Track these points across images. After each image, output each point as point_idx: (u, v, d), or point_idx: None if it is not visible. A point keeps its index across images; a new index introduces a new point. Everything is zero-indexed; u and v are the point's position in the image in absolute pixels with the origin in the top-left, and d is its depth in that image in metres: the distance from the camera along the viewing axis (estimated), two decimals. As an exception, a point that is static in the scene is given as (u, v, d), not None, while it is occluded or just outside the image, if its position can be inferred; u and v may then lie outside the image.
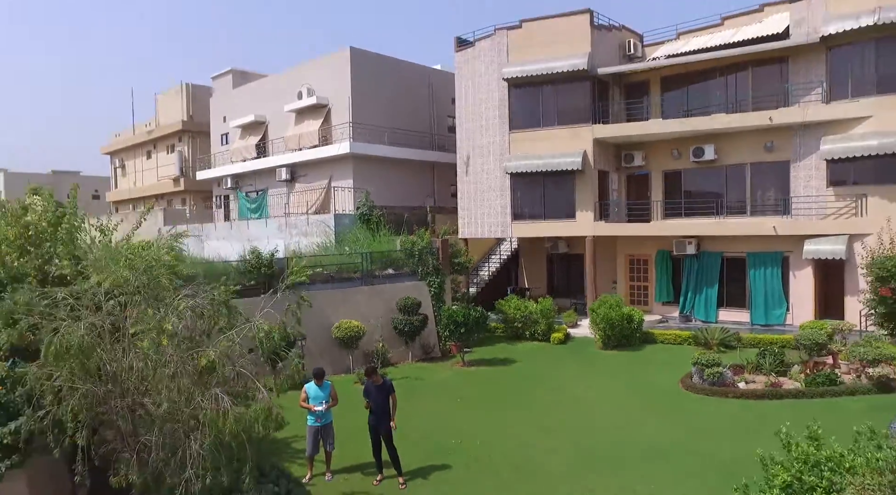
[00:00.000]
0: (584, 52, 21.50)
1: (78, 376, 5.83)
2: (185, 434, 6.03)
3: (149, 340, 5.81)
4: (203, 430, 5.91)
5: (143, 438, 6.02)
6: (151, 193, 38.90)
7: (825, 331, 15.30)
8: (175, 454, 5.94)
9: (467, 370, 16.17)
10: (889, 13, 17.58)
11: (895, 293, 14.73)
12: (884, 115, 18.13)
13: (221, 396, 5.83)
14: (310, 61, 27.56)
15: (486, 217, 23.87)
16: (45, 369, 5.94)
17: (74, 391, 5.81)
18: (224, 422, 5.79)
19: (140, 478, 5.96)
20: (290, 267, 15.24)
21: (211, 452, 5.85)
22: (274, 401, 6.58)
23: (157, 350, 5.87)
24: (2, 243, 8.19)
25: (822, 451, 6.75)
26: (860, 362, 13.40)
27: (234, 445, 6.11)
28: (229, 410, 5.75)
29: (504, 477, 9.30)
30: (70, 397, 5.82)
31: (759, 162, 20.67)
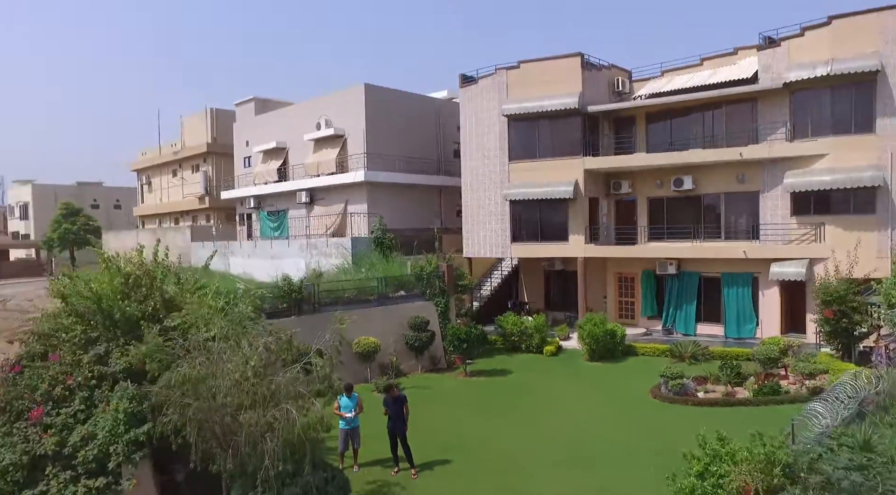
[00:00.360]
0: (576, 92, 23.93)
1: (190, 396, 8.33)
2: (261, 435, 8.52)
3: (239, 372, 8.32)
4: (275, 433, 8.40)
5: (232, 438, 8.52)
6: (177, 210, 41.63)
7: (779, 347, 17.63)
8: (255, 450, 8.43)
9: (469, 380, 18.65)
10: (840, 65, 19.93)
11: (836, 315, 17.07)
12: (838, 153, 20.48)
13: (289, 409, 8.33)
14: (327, 95, 30.18)
15: (487, 239, 26.35)
16: (167, 391, 8.45)
17: (188, 406, 8.32)
18: (291, 428, 8.29)
19: (231, 466, 8.48)
20: (316, 292, 17.93)
21: (281, 449, 8.35)
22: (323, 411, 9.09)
23: (244, 378, 8.38)
24: (109, 290, 10.71)
25: (724, 448, 9.29)
26: (801, 375, 15.78)
27: (296, 443, 8.61)
28: (296, 420, 8.25)
29: (495, 470, 11.77)
30: (185, 410, 8.33)
31: (732, 192, 23.04)
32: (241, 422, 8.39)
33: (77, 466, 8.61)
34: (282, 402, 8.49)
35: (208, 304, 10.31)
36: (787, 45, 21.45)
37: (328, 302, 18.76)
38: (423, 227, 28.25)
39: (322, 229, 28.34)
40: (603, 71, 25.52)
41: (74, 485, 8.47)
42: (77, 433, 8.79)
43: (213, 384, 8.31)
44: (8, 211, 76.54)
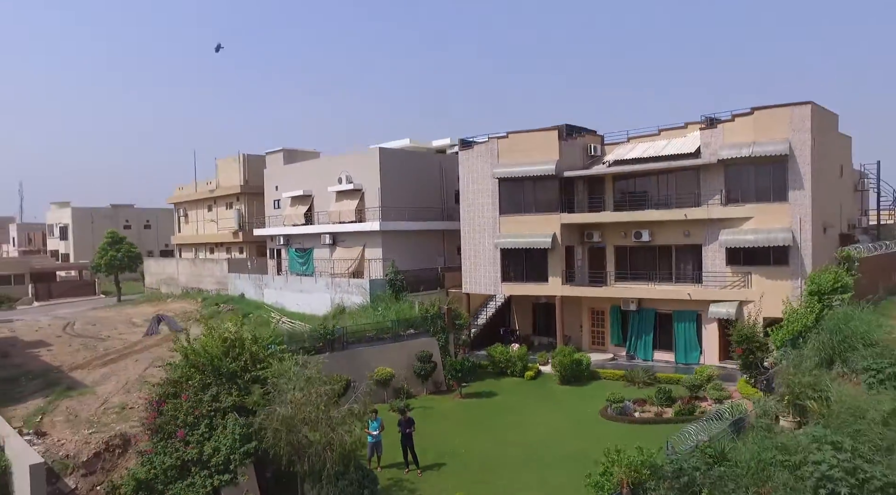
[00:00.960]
0: (553, 160, 29.11)
1: (281, 425, 13.58)
2: (323, 449, 13.75)
3: (312, 408, 13.58)
4: (332, 448, 13.63)
5: (305, 451, 13.75)
6: (212, 241, 47.13)
7: (704, 376, 22.70)
8: (319, 458, 13.67)
9: (463, 401, 23.83)
10: (759, 147, 25.04)
11: (745, 351, 22.15)
12: (761, 216, 25.56)
13: (342, 433, 13.56)
14: (347, 154, 35.57)
15: (482, 278, 31.56)
16: (266, 421, 13.72)
17: (279, 431, 13.56)
18: (342, 446, 13.54)
19: (305, 468, 13.74)
20: (344, 334, 23.20)
21: (336, 457, 13.59)
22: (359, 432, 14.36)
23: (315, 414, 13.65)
24: (214, 351, 15.96)
25: (618, 456, 14.41)
26: (713, 399, 20.87)
27: (344, 454, 13.85)
28: (346, 440, 13.48)
29: (475, 469, 16.97)
30: (277, 433, 13.58)
31: (680, 244, 28.14)
32: (311, 441, 13.65)
33: (210, 467, 13.88)
34: (336, 428, 13.74)
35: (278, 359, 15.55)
36: (722, 127, 26.55)
37: (353, 340, 24.00)
38: (428, 267, 33.51)
39: (344, 267, 33.66)
40: (578, 139, 30.69)
41: (210, 479, 13.73)
42: (209, 446, 14.06)
43: (295, 418, 13.57)
44: (47, 230, 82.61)
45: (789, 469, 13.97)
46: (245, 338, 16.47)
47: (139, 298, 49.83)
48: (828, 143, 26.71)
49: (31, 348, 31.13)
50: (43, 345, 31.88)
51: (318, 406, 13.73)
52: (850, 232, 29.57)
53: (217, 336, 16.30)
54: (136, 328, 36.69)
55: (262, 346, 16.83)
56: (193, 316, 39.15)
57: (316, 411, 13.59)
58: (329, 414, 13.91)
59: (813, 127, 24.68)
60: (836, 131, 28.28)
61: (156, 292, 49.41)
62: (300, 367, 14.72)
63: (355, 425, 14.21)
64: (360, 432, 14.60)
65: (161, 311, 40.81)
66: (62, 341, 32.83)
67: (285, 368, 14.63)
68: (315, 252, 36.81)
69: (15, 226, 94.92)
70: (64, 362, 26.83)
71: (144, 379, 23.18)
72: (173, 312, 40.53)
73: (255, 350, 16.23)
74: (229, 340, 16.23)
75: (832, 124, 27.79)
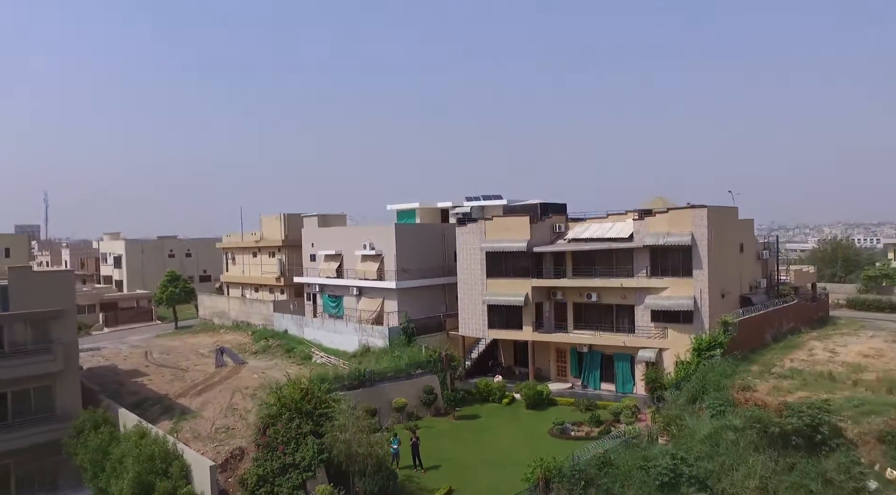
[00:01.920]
0: (525, 239, 38.83)
1: (343, 446, 23.40)
2: (366, 457, 23.58)
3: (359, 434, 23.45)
4: (371, 457, 23.47)
5: (355, 459, 23.56)
6: (257, 282, 57.25)
7: (624, 404, 32.24)
8: (365, 463, 23.51)
9: (456, 422, 33.57)
10: (671, 238, 34.66)
11: (651, 388, 31.71)
12: (674, 287, 35.16)
13: (378, 446, 23.37)
14: (370, 227, 45.64)
15: (473, 325, 41.32)
16: (332, 441, 23.56)
17: (342, 447, 23.36)
18: (378, 455, 23.39)
19: (356, 469, 23.59)
20: (372, 375, 33.22)
21: (374, 462, 23.44)
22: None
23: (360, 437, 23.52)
24: (295, 396, 25.79)
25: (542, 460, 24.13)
26: (626, 423, 30.48)
27: (379, 460, 23.72)
28: (379, 452, 23.28)
29: (459, 469, 26.76)
30: (340, 447, 23.38)
31: (619, 304, 37.73)
32: (359, 453, 23.52)
33: (300, 468, 23.73)
34: (373, 445, 23.63)
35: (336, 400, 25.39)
36: (647, 219, 36.16)
37: (378, 379, 33.85)
38: (433, 315, 43.32)
39: (367, 316, 43.57)
40: (546, 220, 40.42)
41: (300, 475, 23.60)
42: (297, 456, 23.93)
43: (350, 441, 23.47)
44: (100, 257, 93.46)
45: (645, 470, 23.65)
46: (314, 387, 26.36)
47: (195, 327, 60.05)
48: (726, 231, 36.30)
49: (133, 377, 41.28)
50: (140, 374, 42.00)
51: (363, 432, 23.66)
52: (750, 293, 39.05)
53: (296, 387, 26.19)
54: (204, 358, 46.67)
55: (324, 391, 26.70)
56: (248, 348, 49.37)
57: (361, 436, 23.50)
58: (368, 437, 23.81)
59: (709, 223, 34.29)
60: (735, 220, 37.87)
61: (209, 323, 59.59)
62: (351, 408, 24.62)
63: (383, 444, 24.11)
64: (386, 447, 24.46)
65: (219, 342, 50.91)
66: (153, 370, 42.95)
67: (343, 408, 24.56)
68: (345, 300, 46.80)
69: (68, 251, 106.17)
70: (168, 391, 36.96)
71: (233, 407, 33.25)
72: (229, 343, 50.61)
73: (320, 395, 26.11)
74: (303, 389, 26.12)
75: (731, 216, 37.40)
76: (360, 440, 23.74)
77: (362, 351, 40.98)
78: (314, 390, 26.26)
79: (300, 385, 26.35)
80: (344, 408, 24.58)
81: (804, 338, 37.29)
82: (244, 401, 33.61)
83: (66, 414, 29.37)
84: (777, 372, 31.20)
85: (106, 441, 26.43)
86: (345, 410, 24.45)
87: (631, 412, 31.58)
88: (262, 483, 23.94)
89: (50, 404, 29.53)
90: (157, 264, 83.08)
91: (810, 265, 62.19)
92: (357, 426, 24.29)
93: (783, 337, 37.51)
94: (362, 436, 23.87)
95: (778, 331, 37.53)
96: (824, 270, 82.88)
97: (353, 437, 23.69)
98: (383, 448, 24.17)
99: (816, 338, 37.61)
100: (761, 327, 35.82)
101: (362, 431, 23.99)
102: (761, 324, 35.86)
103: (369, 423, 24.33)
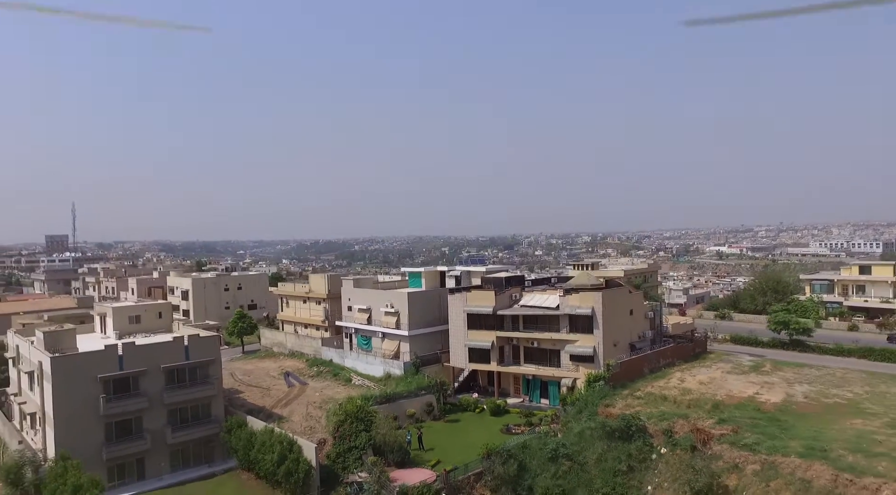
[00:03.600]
0: (491, 305, 59.90)
1: (382, 438, 44.39)
2: (394, 442, 44.61)
3: (390, 432, 44.49)
4: (396, 442, 44.49)
5: (383, 442, 44.55)
6: (306, 322, 78.59)
7: (548, 413, 53.10)
8: (392, 446, 44.57)
9: (446, 424, 54.62)
10: (580, 309, 55.66)
11: (564, 404, 52.63)
12: (582, 340, 56.12)
13: (400, 438, 44.30)
14: (390, 291, 66.77)
15: (459, 360, 62.40)
16: (377, 435, 44.59)
17: (382, 439, 44.32)
18: (400, 440, 44.47)
19: (387, 448, 44.69)
20: (394, 394, 55.14)
21: (397, 446, 44.50)
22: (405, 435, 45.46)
23: (391, 433, 44.59)
24: (352, 409, 46.80)
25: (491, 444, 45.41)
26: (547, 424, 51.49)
27: (400, 444, 44.84)
28: (401, 440, 44.24)
29: (446, 451, 47.84)
30: (380, 439, 44.36)
31: (551, 348, 58.58)
32: (389, 441, 44.65)
33: (357, 449, 44.72)
34: (396, 437, 44.78)
35: (376, 413, 46.43)
36: (567, 296, 57.08)
37: (397, 397, 55.01)
38: (433, 352, 64.46)
39: (389, 351, 64.77)
40: (506, 292, 61.44)
41: (359, 453, 44.58)
42: (357, 441, 44.97)
43: (386, 435, 44.62)
44: (167, 289, 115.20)
45: (542, 450, 44.71)
46: (362, 403, 47.42)
47: (260, 353, 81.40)
48: (618, 303, 57.21)
49: (235, 394, 62.57)
50: (238, 392, 63.24)
51: (390, 429, 44.91)
52: (637, 341, 59.89)
53: (353, 403, 47.29)
54: (276, 379, 67.96)
55: (367, 405, 47.83)
56: (305, 372, 70.63)
57: (389, 431, 44.72)
58: (394, 432, 45.02)
59: (604, 301, 55.21)
60: (626, 296, 58.82)
61: (269, 350, 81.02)
62: (383, 416, 45.81)
63: (402, 435, 45.34)
64: (404, 437, 45.63)
65: (283, 367, 72.20)
66: (245, 388, 64.18)
67: (381, 418, 45.81)
68: (373, 340, 68.06)
69: (135, 280, 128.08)
70: (264, 404, 58.15)
71: (310, 414, 54.42)
72: (291, 368, 71.85)
73: (366, 408, 47.18)
74: (357, 405, 47.23)
75: (623, 293, 58.33)
76: (389, 433, 44.87)
77: (385, 377, 62.17)
78: (363, 405, 47.43)
79: (355, 402, 47.56)
80: (380, 416, 45.69)
81: (673, 371, 58.01)
82: (316, 411, 54.90)
83: (217, 419, 50.59)
84: (636, 395, 52.05)
85: (248, 434, 47.58)
86: (380, 417, 45.56)
87: (550, 418, 52.51)
88: (338, 457, 45.04)
89: (208, 414, 50.74)
90: (216, 296, 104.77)
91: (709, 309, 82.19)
92: (387, 425, 45.49)
93: (659, 369, 58.27)
94: (390, 431, 45.00)
95: (656, 366, 58.30)
96: (758, 298, 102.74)
97: (385, 432, 44.82)
98: (402, 437, 45.27)
99: (683, 369, 58.39)
100: (639, 364, 56.65)
101: (390, 428, 45.13)
102: (639, 363, 56.69)
103: (394, 424, 45.43)
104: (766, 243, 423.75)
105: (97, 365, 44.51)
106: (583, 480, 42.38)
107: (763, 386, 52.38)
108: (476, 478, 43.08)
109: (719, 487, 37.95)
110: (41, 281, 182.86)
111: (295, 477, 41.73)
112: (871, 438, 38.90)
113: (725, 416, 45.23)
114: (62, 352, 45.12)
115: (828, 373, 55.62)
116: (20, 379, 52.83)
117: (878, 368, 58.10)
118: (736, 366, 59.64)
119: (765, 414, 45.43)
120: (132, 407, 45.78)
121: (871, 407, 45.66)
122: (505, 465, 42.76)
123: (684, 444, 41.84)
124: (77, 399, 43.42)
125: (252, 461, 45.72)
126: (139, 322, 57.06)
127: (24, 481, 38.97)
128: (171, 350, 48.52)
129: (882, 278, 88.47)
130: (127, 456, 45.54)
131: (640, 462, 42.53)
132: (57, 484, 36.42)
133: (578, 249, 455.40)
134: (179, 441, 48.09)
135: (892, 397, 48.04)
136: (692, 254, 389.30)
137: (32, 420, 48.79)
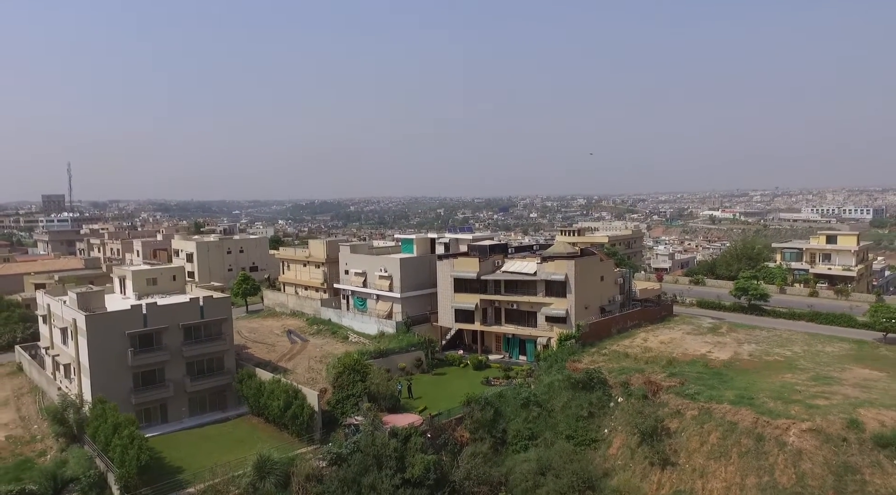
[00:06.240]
0: (475, 271, 65.88)
1: (376, 388, 50.88)
2: (386, 391, 51.11)
3: (383, 382, 50.99)
4: (388, 391, 51.01)
5: (377, 390, 51.07)
6: (306, 284, 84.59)
7: (524, 368, 59.62)
8: (385, 394, 51.11)
9: (433, 377, 61.18)
10: (555, 275, 61.75)
11: (538, 359, 59.13)
12: (556, 302, 62.31)
13: (391, 387, 50.87)
14: (384, 256, 72.57)
15: (446, 320, 68.71)
16: (371, 385, 51.16)
17: (375, 388, 50.79)
18: (392, 388, 51.01)
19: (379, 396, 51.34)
20: (387, 350, 61.80)
21: (389, 394, 51.05)
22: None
23: (383, 384, 51.11)
24: (349, 362, 53.12)
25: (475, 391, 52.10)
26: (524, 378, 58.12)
27: (392, 393, 51.43)
28: (392, 389, 50.75)
29: (433, 400, 54.45)
30: (374, 388, 50.88)
31: (529, 310, 64.82)
32: (381, 390, 51.17)
33: (353, 397, 51.19)
34: (388, 387, 51.31)
35: (369, 366, 52.79)
36: (544, 264, 63.05)
37: (390, 352, 61.42)
38: (423, 312, 70.71)
39: (382, 313, 70.96)
40: (490, 258, 67.33)
41: (356, 401, 51.06)
42: (353, 391, 51.41)
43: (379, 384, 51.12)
44: (172, 252, 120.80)
45: (516, 398, 51.31)
46: (359, 357, 53.76)
47: (263, 312, 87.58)
48: (590, 270, 63.20)
49: (244, 349, 68.89)
50: (245, 348, 69.59)
51: (383, 380, 51.36)
52: (607, 305, 66.11)
53: (350, 357, 53.62)
54: (280, 336, 74.33)
55: (363, 359, 54.18)
56: (306, 330, 76.92)
57: (382, 382, 51.17)
58: (386, 383, 51.49)
59: (576, 268, 61.20)
60: (597, 264, 64.80)
61: (271, 310, 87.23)
62: (380, 371, 52.21)
63: (394, 385, 51.85)
64: (395, 387, 52.11)
65: (286, 326, 78.51)
66: (251, 344, 70.52)
67: (375, 370, 52.24)
68: (368, 301, 74.21)
69: (140, 242, 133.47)
70: (270, 358, 64.47)
71: (311, 368, 60.84)
72: (293, 326, 78.14)
73: (362, 361, 53.52)
74: (354, 358, 53.57)
75: (594, 261, 64.28)
76: (382, 384, 51.32)
77: (379, 334, 68.53)
78: (359, 359, 53.79)
79: (352, 356, 53.91)
80: (374, 369, 52.06)
81: (639, 332, 64.37)
82: (317, 365, 61.31)
83: (230, 371, 56.88)
84: (602, 352, 58.49)
85: (257, 384, 53.93)
86: (374, 369, 51.93)
87: (525, 372, 59.09)
88: (337, 403, 51.51)
89: (221, 366, 56.98)
90: (219, 259, 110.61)
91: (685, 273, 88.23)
92: (380, 377, 51.90)
93: (626, 330, 64.66)
94: (383, 382, 51.44)
95: (623, 327, 64.67)
96: (733, 265, 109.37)
97: (378, 382, 51.26)
98: (394, 387, 51.78)
99: (648, 330, 64.82)
100: (607, 325, 63.01)
101: (383, 380, 51.56)
102: (607, 324, 63.05)
103: (386, 376, 51.86)
104: (759, 208, 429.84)
105: (125, 322, 50.50)
106: (549, 424, 49.05)
107: (716, 346, 58.87)
108: (457, 422, 49.68)
109: (663, 429, 44.57)
110: (44, 241, 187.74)
111: (300, 419, 48.15)
112: (793, 388, 45.46)
113: (676, 371, 51.75)
114: (93, 310, 51.00)
115: (775, 335, 62.19)
116: (52, 334, 58.91)
117: (822, 330, 64.64)
118: (696, 328, 66.11)
119: (711, 370, 51.95)
120: (155, 359, 51.94)
121: (802, 364, 52.25)
122: (483, 411, 49.27)
123: (637, 394, 48.37)
124: (109, 352, 49.53)
125: (262, 407, 52.12)
126: (156, 284, 62.80)
127: (69, 420, 45.24)
128: (188, 309, 54.46)
129: (846, 247, 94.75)
130: (152, 401, 51.93)
131: (599, 409, 49.12)
132: (98, 422, 42.70)
133: (573, 212, 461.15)
134: (197, 389, 54.45)
135: (824, 355, 54.66)
136: (686, 218, 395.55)
137: (66, 370, 55.03)
